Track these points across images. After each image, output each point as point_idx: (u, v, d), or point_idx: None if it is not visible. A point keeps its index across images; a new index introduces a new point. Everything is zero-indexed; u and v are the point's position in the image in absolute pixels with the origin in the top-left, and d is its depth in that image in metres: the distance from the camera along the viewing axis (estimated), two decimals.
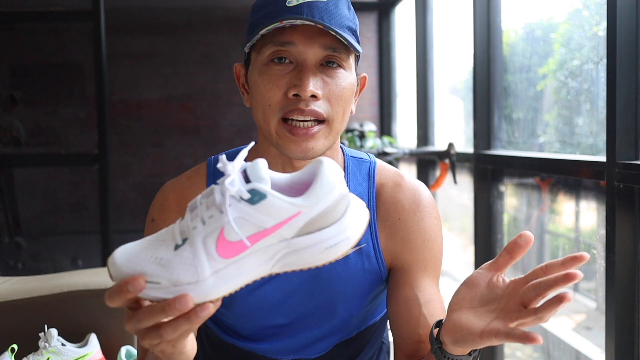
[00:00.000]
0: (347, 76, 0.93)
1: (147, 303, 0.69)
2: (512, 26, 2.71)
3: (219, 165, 0.67)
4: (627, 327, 1.56)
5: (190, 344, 0.76)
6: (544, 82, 2.52)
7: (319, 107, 0.89)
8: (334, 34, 0.87)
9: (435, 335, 0.82)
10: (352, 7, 0.95)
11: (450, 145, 2.80)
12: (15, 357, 1.42)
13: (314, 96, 0.89)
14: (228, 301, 1.00)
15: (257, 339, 1.03)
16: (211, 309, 0.66)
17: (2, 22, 4.35)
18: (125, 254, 0.68)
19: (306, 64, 0.89)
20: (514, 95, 2.63)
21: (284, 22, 0.86)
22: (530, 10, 2.69)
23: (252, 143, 0.85)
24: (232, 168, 0.66)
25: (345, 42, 0.89)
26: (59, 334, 1.45)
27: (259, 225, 0.66)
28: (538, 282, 0.71)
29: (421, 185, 1.05)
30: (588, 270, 2.89)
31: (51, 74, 5.02)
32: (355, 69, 0.98)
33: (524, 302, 0.71)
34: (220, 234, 0.66)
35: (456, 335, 0.75)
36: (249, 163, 0.69)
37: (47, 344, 1.40)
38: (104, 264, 3.75)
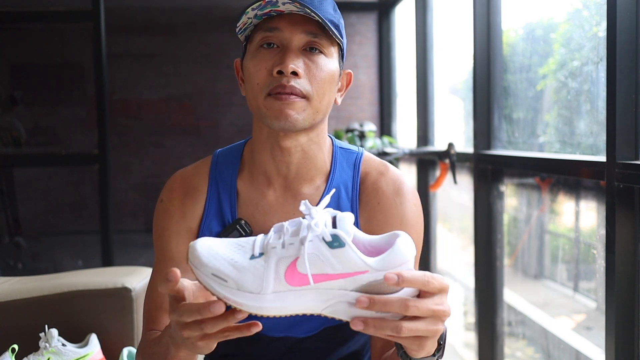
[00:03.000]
0: (327, 62, 1.02)
1: (189, 297, 0.79)
2: (512, 26, 2.71)
3: (302, 208, 0.76)
4: (627, 327, 1.56)
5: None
6: (544, 82, 2.52)
7: (299, 84, 0.99)
8: (316, 18, 0.97)
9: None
10: (338, 10, 1.05)
11: (450, 145, 2.80)
12: (15, 357, 1.42)
13: (294, 73, 0.98)
14: None
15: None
16: (260, 327, 0.75)
17: (2, 22, 4.35)
18: (206, 246, 0.75)
19: (290, 46, 1.00)
20: (514, 95, 2.64)
21: (269, 6, 0.97)
22: (530, 10, 2.69)
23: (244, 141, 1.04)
24: (316, 212, 0.75)
25: (324, 24, 0.98)
26: (59, 334, 1.45)
27: (329, 268, 0.72)
28: None
29: (404, 175, 1.12)
30: (588, 270, 2.89)
31: (51, 74, 5.02)
32: (340, 62, 1.06)
33: None
34: (293, 262, 0.73)
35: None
36: (340, 213, 0.76)
37: (47, 344, 1.41)
38: (104, 264, 3.75)
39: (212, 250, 0.74)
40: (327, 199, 0.78)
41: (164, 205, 1.12)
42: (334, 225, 0.75)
